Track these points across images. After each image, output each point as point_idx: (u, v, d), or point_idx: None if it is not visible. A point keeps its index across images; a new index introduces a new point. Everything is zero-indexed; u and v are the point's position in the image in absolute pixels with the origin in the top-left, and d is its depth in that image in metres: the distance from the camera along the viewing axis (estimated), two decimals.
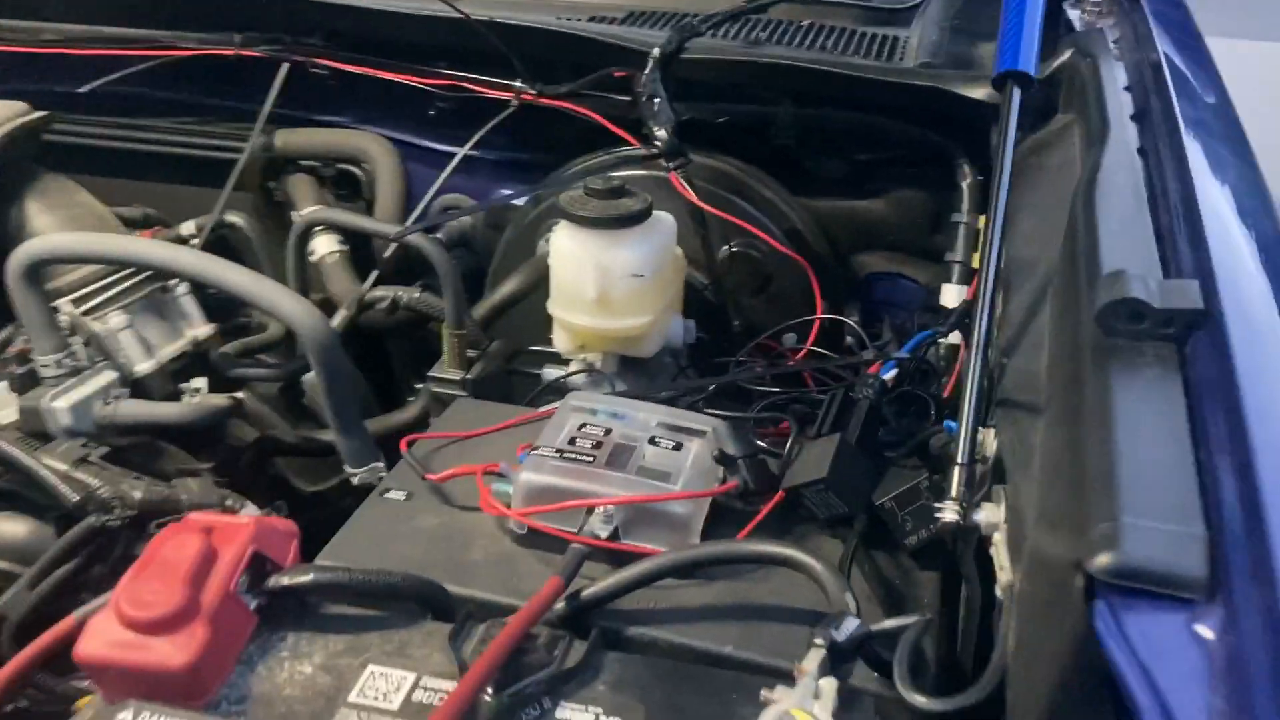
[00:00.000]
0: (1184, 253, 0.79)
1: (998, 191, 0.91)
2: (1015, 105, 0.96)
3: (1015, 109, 0.95)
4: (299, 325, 1.17)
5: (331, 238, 1.60)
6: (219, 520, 0.80)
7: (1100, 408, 0.64)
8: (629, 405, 1.06)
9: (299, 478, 1.61)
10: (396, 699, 0.73)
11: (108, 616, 0.72)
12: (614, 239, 1.26)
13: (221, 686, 0.74)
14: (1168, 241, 0.81)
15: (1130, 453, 0.60)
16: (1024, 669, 0.64)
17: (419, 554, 0.94)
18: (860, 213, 1.56)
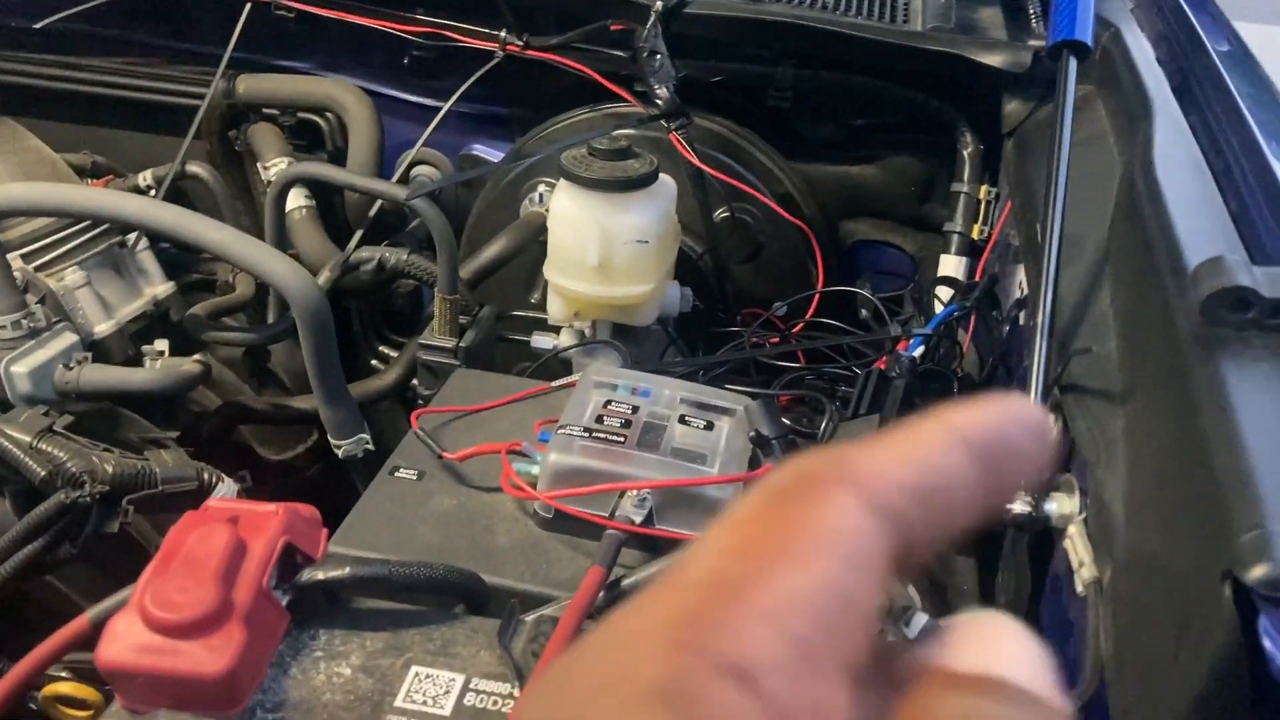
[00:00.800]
0: (1266, 235, 0.76)
1: (1057, 168, 0.87)
2: (1073, 77, 0.92)
3: (1073, 81, 0.91)
4: (289, 289, 1.09)
5: (299, 192, 1.51)
6: (244, 508, 0.73)
7: (1218, 403, 0.61)
8: (651, 380, 1.00)
9: (263, 446, 1.53)
10: (448, 703, 0.68)
11: (131, 618, 0.65)
12: (619, 202, 1.21)
13: (255, 692, 0.67)
14: (1244, 223, 0.78)
15: (1262, 452, 0.57)
16: (1136, 675, 0.61)
17: (439, 539, 0.88)
18: (852, 178, 1.53)
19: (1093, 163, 1.03)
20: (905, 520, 0.22)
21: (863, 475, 0.22)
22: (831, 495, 0.22)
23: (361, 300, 1.68)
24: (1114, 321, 0.83)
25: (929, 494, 0.23)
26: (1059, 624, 0.81)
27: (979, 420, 0.25)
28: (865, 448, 0.23)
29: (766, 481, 0.23)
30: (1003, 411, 0.25)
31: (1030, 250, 1.06)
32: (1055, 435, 0.27)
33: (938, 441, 0.24)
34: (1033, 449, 0.25)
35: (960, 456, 0.24)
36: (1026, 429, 0.25)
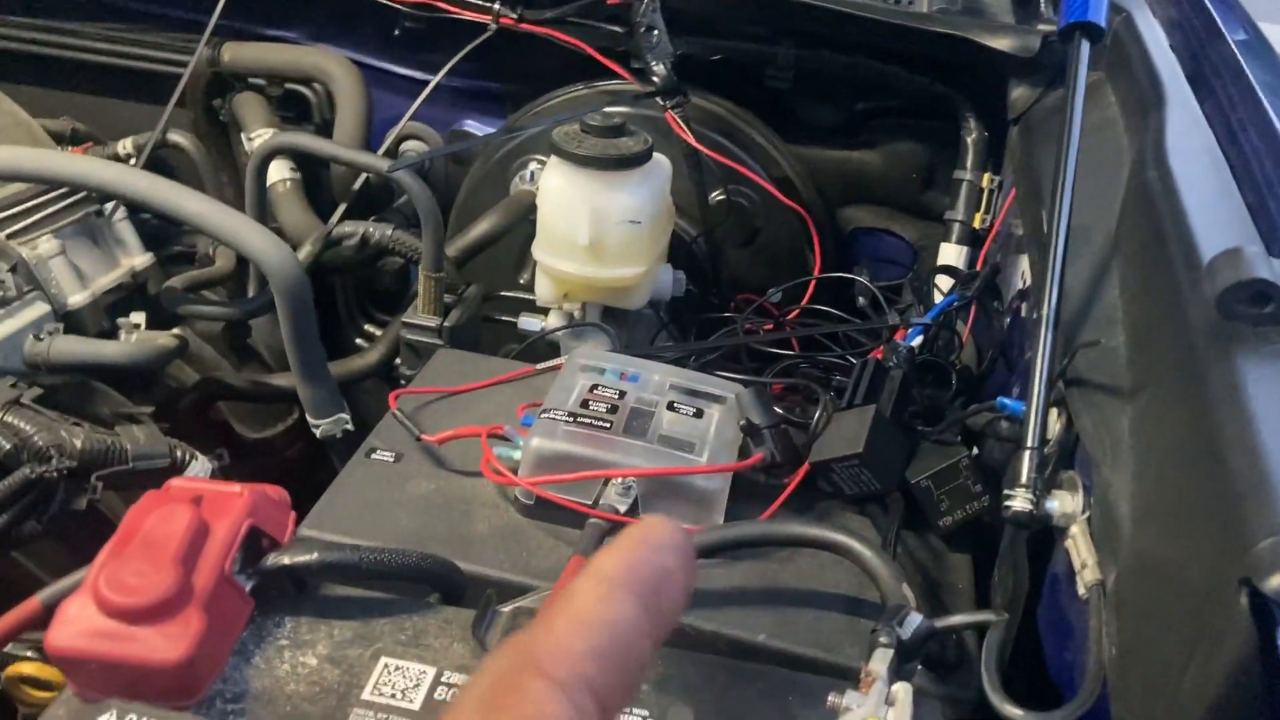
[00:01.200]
0: None
1: (1066, 153, 0.84)
2: (1085, 60, 0.88)
3: (1084, 64, 0.88)
4: (267, 263, 1.05)
5: (283, 164, 1.47)
6: (208, 488, 0.69)
7: (1234, 401, 0.58)
8: (639, 365, 0.97)
9: (242, 424, 1.50)
10: (417, 697, 0.65)
11: (84, 601, 0.61)
12: (611, 181, 1.17)
13: (215, 681, 0.64)
14: (1261, 215, 0.75)
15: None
16: (1142, 683, 0.58)
17: (416, 525, 0.85)
18: (852, 164, 1.49)
19: (1101, 151, 1.00)
20: (593, 684, 0.26)
21: (550, 657, 0.26)
22: (524, 688, 0.25)
23: (347, 277, 1.64)
24: (1122, 314, 0.80)
25: (608, 651, 0.27)
26: (1057, 626, 0.78)
27: (627, 562, 0.29)
28: (545, 624, 0.27)
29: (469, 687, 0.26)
30: (643, 544, 0.29)
31: (1035, 239, 1.02)
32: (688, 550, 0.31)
33: (600, 597, 0.28)
34: (682, 566, 0.29)
35: (625, 603, 0.28)
36: (670, 549, 0.29)
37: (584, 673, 0.26)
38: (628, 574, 0.29)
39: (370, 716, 0.63)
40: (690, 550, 0.30)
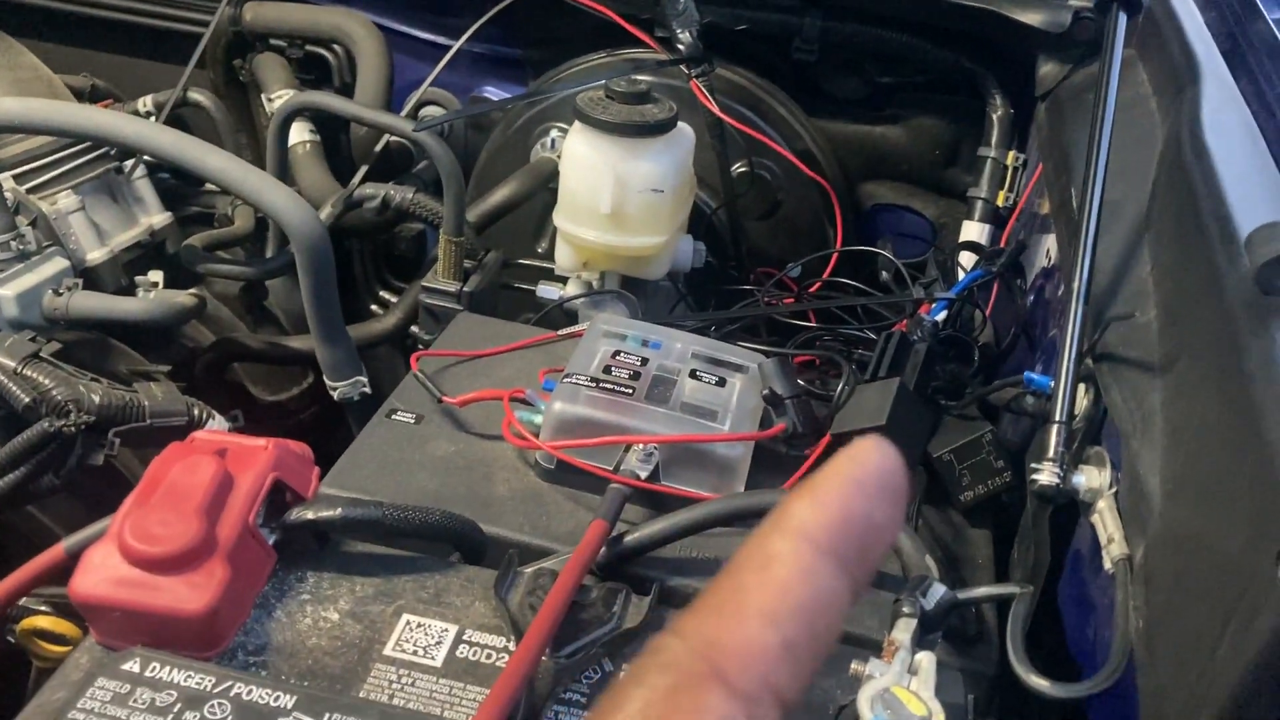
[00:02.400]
0: None
1: (1100, 127, 0.83)
2: (1121, 34, 0.87)
3: (1120, 37, 0.87)
4: (289, 221, 1.05)
5: (303, 126, 1.46)
6: (233, 441, 0.69)
7: (1272, 375, 0.57)
8: (661, 333, 0.97)
9: (257, 386, 1.50)
10: (439, 654, 0.64)
11: (108, 550, 0.61)
12: (635, 148, 1.16)
13: (237, 633, 0.64)
14: None
15: None
16: (1171, 657, 0.58)
17: (436, 485, 0.85)
18: (875, 139, 1.48)
19: (1132, 129, 0.98)
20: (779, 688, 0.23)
21: (730, 659, 0.23)
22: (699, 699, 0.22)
23: (364, 241, 1.64)
24: (1154, 290, 0.79)
25: (804, 642, 0.23)
26: (1079, 602, 0.77)
27: (832, 520, 0.24)
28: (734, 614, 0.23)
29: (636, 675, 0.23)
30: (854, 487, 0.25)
31: (1062, 216, 1.02)
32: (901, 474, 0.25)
33: (801, 569, 0.24)
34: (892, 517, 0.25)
35: (827, 575, 0.24)
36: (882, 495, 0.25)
37: (774, 682, 0.23)
38: (836, 536, 0.24)
39: (392, 672, 0.63)
40: (904, 481, 0.25)
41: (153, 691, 0.57)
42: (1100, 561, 0.70)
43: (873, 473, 0.25)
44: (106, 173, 1.30)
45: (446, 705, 0.61)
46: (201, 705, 0.56)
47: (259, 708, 0.57)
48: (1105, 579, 0.69)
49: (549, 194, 1.37)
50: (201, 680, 0.58)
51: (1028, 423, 0.97)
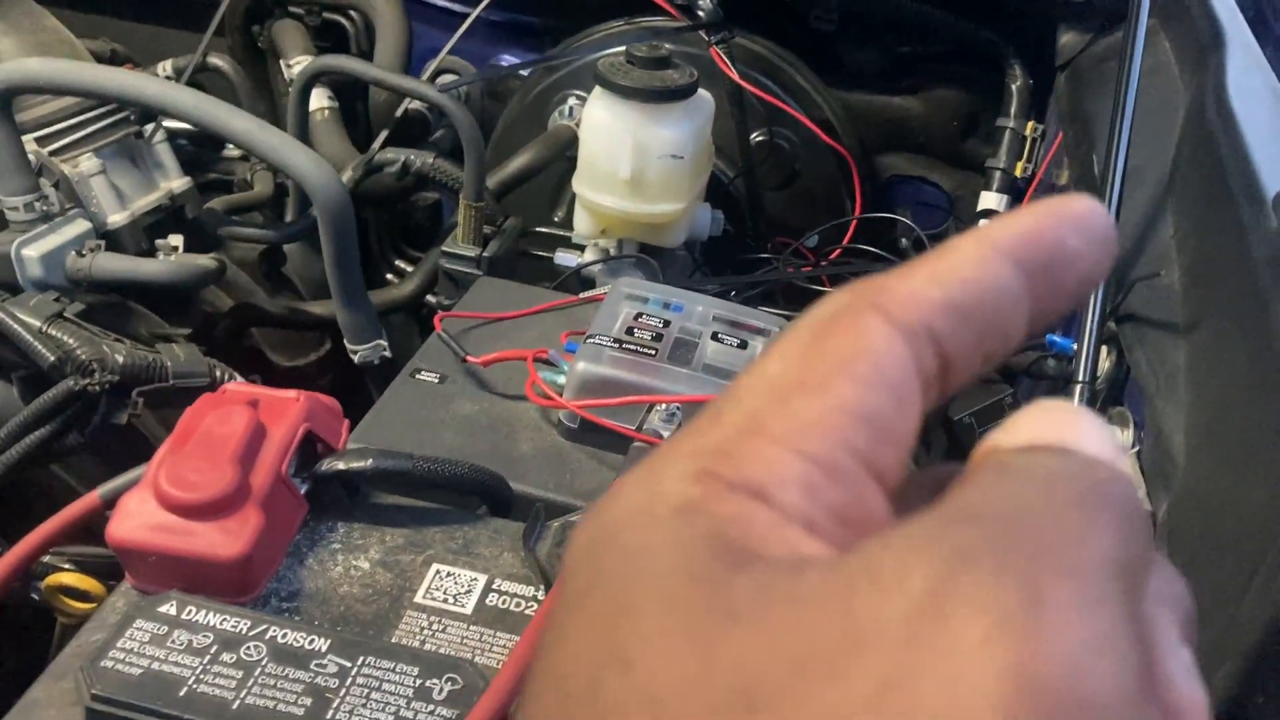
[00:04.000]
0: None
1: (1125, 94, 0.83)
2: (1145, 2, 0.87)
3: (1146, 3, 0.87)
4: (312, 183, 1.05)
5: (322, 93, 1.46)
6: (264, 393, 0.70)
7: None
8: (683, 296, 0.97)
9: (275, 351, 1.50)
10: (469, 602, 0.65)
11: (144, 496, 0.62)
12: (655, 114, 1.16)
13: (270, 580, 0.65)
14: None
15: None
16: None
17: (461, 443, 0.86)
18: (893, 109, 1.48)
19: (1154, 96, 0.99)
20: (939, 338, 0.22)
21: (892, 298, 0.22)
22: (858, 321, 0.22)
23: (380, 210, 1.64)
24: (1176, 253, 0.79)
25: (967, 311, 0.22)
26: None
27: (1022, 230, 0.23)
28: (901, 271, 0.23)
29: (802, 317, 0.23)
30: (1051, 215, 0.24)
31: (1083, 185, 1.02)
32: (1114, 232, 0.24)
33: (975, 257, 0.23)
34: (1088, 251, 0.23)
35: (1002, 270, 0.23)
36: (1080, 230, 0.24)
37: (930, 323, 0.22)
38: (1018, 241, 0.23)
39: (423, 619, 0.64)
40: (1107, 244, 0.24)
41: (189, 633, 0.58)
42: None
43: (1075, 209, 0.24)
44: (127, 137, 1.31)
45: (477, 650, 0.62)
46: (238, 647, 0.57)
47: (294, 650, 0.58)
48: None
49: (566, 162, 1.38)
50: (237, 623, 0.59)
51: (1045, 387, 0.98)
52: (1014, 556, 0.18)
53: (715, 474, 0.20)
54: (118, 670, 0.55)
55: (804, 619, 0.18)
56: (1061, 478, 0.20)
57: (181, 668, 0.56)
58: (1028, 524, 0.19)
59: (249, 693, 0.55)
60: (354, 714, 0.55)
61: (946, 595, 0.17)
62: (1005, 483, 0.20)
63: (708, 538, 0.20)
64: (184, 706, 0.54)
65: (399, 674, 0.57)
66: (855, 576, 0.18)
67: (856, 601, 0.18)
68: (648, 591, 0.19)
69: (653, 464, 0.22)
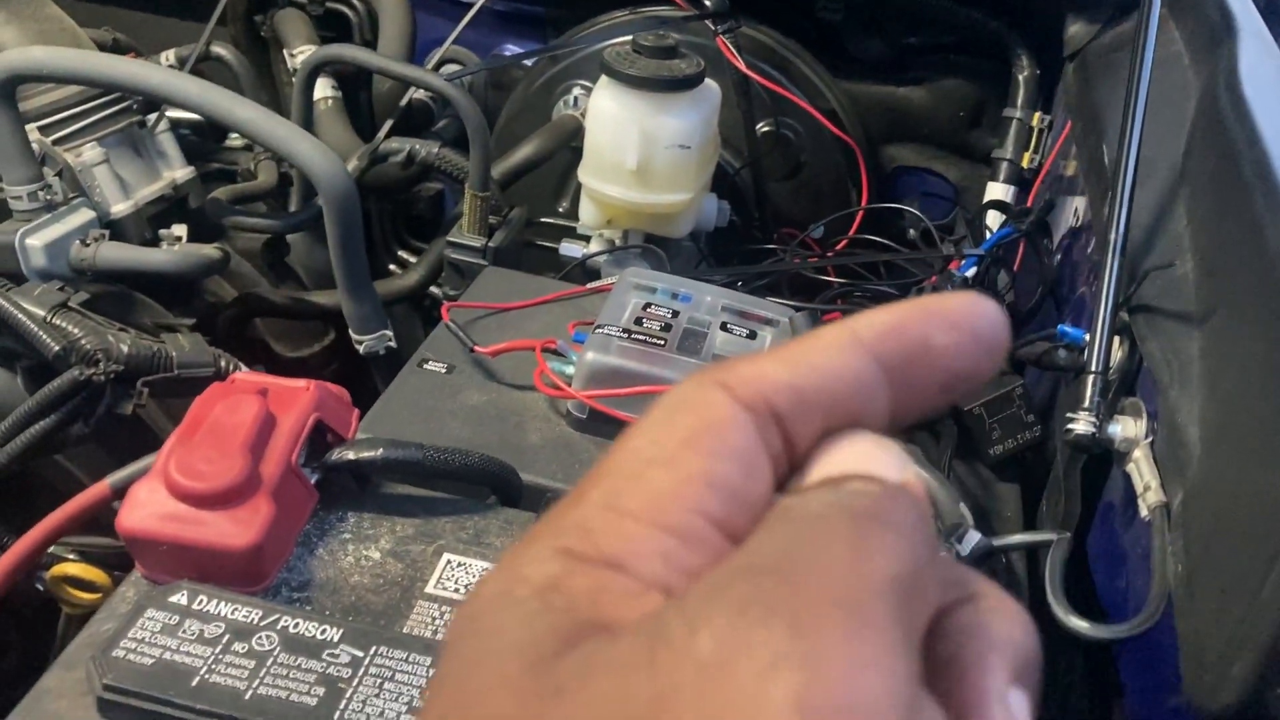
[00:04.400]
0: None
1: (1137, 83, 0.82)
2: None
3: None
4: (317, 172, 1.05)
5: (325, 83, 1.46)
6: (274, 383, 0.70)
7: None
8: (691, 286, 0.97)
9: (279, 342, 1.49)
10: None
11: (154, 485, 0.62)
12: (662, 103, 1.16)
13: (280, 570, 0.65)
14: None
15: None
16: (1212, 600, 0.58)
17: (469, 433, 0.85)
18: (898, 100, 1.48)
19: (1164, 86, 0.98)
20: (780, 415, 0.23)
21: (737, 376, 0.24)
22: (704, 397, 0.23)
23: (383, 200, 1.63)
24: (1189, 243, 0.79)
25: (809, 394, 0.24)
26: (1110, 553, 0.78)
27: (885, 322, 0.24)
28: (754, 355, 0.25)
29: (660, 397, 0.24)
30: (919, 311, 0.25)
31: (1093, 175, 1.01)
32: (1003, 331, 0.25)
33: (831, 345, 0.24)
34: (958, 348, 0.25)
35: (854, 360, 0.24)
36: (951, 328, 0.25)
37: (772, 400, 0.23)
38: (877, 333, 0.24)
39: (435, 609, 0.64)
40: (996, 341, 0.25)
41: (201, 623, 0.58)
42: (1134, 511, 0.70)
43: (950, 306, 0.25)
44: (129, 126, 1.30)
45: None
46: (250, 637, 0.57)
47: (306, 640, 0.57)
48: (1139, 528, 0.70)
49: (570, 153, 1.37)
50: (249, 613, 0.59)
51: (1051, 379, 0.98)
52: (780, 600, 0.19)
53: (574, 551, 0.22)
54: (129, 660, 0.55)
55: (615, 688, 0.19)
56: (834, 509, 0.22)
57: (193, 657, 0.55)
58: (793, 567, 0.20)
59: (261, 683, 0.55)
60: (367, 704, 0.54)
61: (729, 648, 0.19)
62: (780, 528, 0.22)
63: (559, 614, 0.21)
64: (196, 696, 0.54)
65: (412, 664, 0.57)
66: (655, 639, 0.20)
67: (657, 663, 0.19)
68: (488, 676, 0.21)
69: (519, 548, 0.23)
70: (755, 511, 0.23)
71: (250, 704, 0.53)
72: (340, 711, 0.54)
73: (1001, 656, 0.23)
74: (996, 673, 0.23)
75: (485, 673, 0.21)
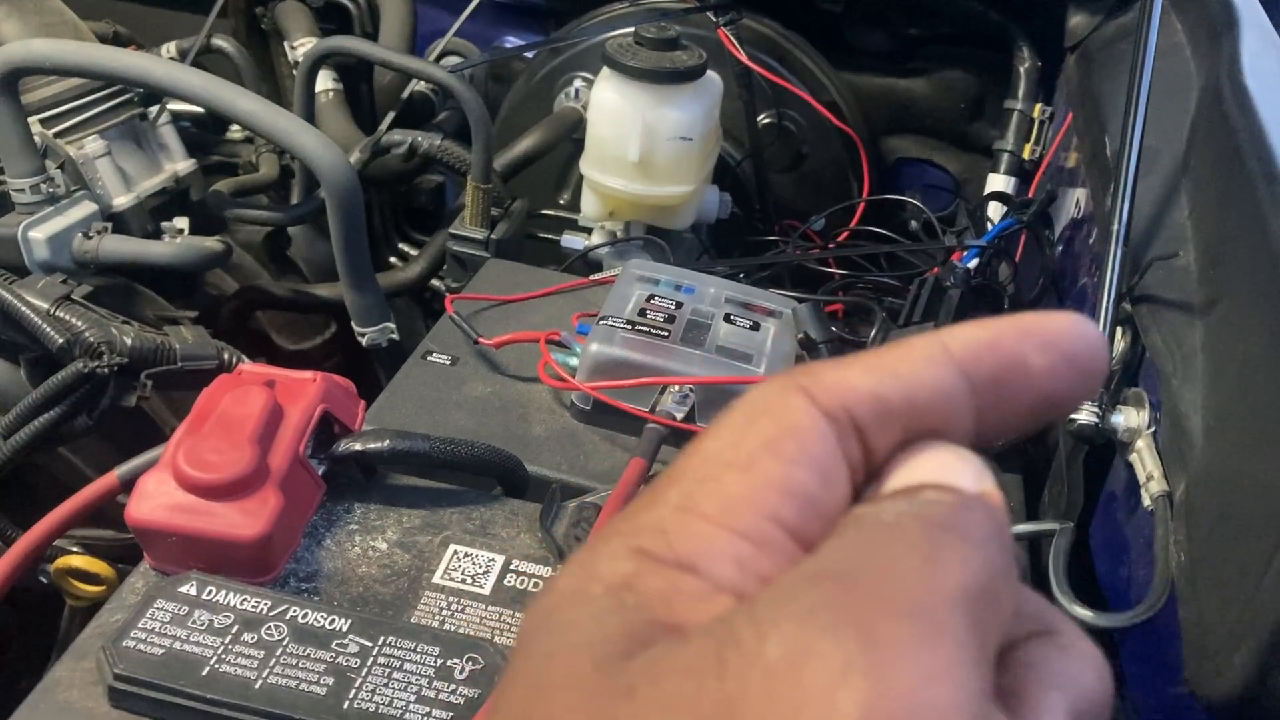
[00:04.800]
0: None
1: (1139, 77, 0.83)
2: None
3: None
4: (320, 163, 1.05)
5: (327, 75, 1.46)
6: (280, 374, 0.70)
7: None
8: (694, 278, 0.97)
9: (280, 335, 1.49)
10: (487, 582, 0.65)
11: (163, 477, 0.62)
12: (664, 95, 1.16)
13: (288, 561, 0.65)
14: None
15: None
16: (1215, 588, 0.58)
17: (474, 425, 0.86)
18: (899, 92, 1.48)
19: (1166, 77, 0.98)
20: (861, 426, 0.23)
21: (819, 382, 0.23)
22: (785, 402, 0.23)
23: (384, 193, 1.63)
24: (1192, 234, 0.79)
25: (893, 405, 0.23)
26: (1112, 543, 0.78)
27: (979, 338, 0.24)
28: (840, 359, 0.24)
29: (737, 400, 0.24)
30: (1015, 329, 0.24)
31: (1095, 166, 1.02)
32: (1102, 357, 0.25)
33: (919, 356, 0.24)
34: (1055, 371, 0.24)
35: (943, 374, 0.24)
36: (1048, 349, 0.24)
37: (853, 410, 0.23)
38: (970, 349, 0.24)
39: (442, 599, 0.64)
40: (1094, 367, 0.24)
41: (210, 613, 0.58)
42: (1137, 500, 0.71)
43: (1049, 327, 0.24)
44: (131, 118, 1.30)
45: (497, 631, 0.62)
46: (259, 627, 0.57)
47: (315, 630, 0.58)
48: (1142, 518, 0.70)
49: (571, 145, 1.37)
50: (258, 603, 0.59)
51: None
52: (849, 608, 0.19)
53: (648, 551, 0.22)
54: (139, 650, 0.55)
55: (684, 690, 0.19)
56: (908, 518, 0.22)
57: (203, 647, 0.56)
58: (865, 575, 0.20)
59: (271, 672, 0.55)
60: (376, 693, 0.55)
61: (797, 654, 0.19)
62: (853, 536, 0.22)
63: (632, 612, 0.21)
64: (207, 686, 0.54)
65: (420, 654, 0.57)
66: (724, 643, 0.20)
67: (725, 667, 0.19)
68: (560, 672, 0.21)
69: (593, 544, 0.23)
70: (830, 520, 0.23)
71: (260, 693, 0.54)
72: (349, 701, 0.54)
73: (1064, 696, 0.23)
74: (1055, 712, 0.22)
75: (558, 668, 0.21)
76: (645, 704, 0.20)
